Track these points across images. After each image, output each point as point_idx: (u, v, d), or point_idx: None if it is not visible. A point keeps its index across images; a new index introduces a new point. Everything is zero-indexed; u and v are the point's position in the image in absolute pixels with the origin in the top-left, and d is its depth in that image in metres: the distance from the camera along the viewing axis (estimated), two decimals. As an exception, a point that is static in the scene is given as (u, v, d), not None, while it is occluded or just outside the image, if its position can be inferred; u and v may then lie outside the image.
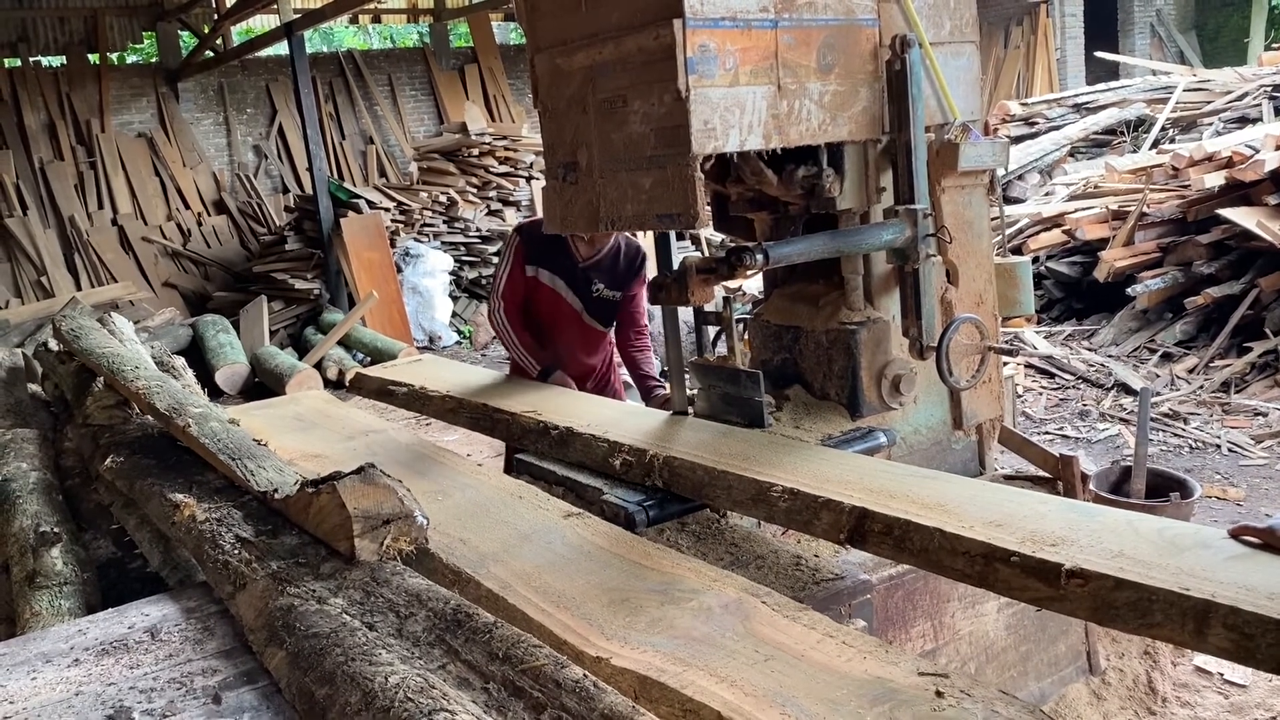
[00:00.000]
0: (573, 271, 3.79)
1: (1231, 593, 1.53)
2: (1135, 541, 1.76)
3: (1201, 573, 1.61)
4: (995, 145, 3.06)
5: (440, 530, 2.26)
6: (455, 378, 3.74)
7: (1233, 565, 1.64)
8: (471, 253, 11.11)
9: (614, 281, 3.82)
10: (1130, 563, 1.67)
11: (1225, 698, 3.28)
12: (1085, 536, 1.80)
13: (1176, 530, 1.82)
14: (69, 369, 3.79)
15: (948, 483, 2.20)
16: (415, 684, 1.44)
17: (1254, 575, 1.59)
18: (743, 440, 2.65)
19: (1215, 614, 1.50)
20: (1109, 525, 1.86)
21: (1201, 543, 1.75)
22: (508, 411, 3.15)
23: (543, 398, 3.33)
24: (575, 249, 3.76)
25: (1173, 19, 17.58)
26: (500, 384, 3.66)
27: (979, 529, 1.87)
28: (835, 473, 2.30)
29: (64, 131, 11.83)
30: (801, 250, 2.74)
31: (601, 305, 3.84)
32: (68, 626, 2.05)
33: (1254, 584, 1.55)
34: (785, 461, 2.42)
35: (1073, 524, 1.86)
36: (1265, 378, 6.34)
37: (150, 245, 11.78)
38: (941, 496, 2.07)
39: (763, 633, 1.75)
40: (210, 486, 2.43)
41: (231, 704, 1.70)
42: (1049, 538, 1.80)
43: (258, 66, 13.14)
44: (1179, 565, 1.65)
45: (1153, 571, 1.63)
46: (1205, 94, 10.60)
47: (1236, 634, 1.48)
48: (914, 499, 2.07)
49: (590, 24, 2.59)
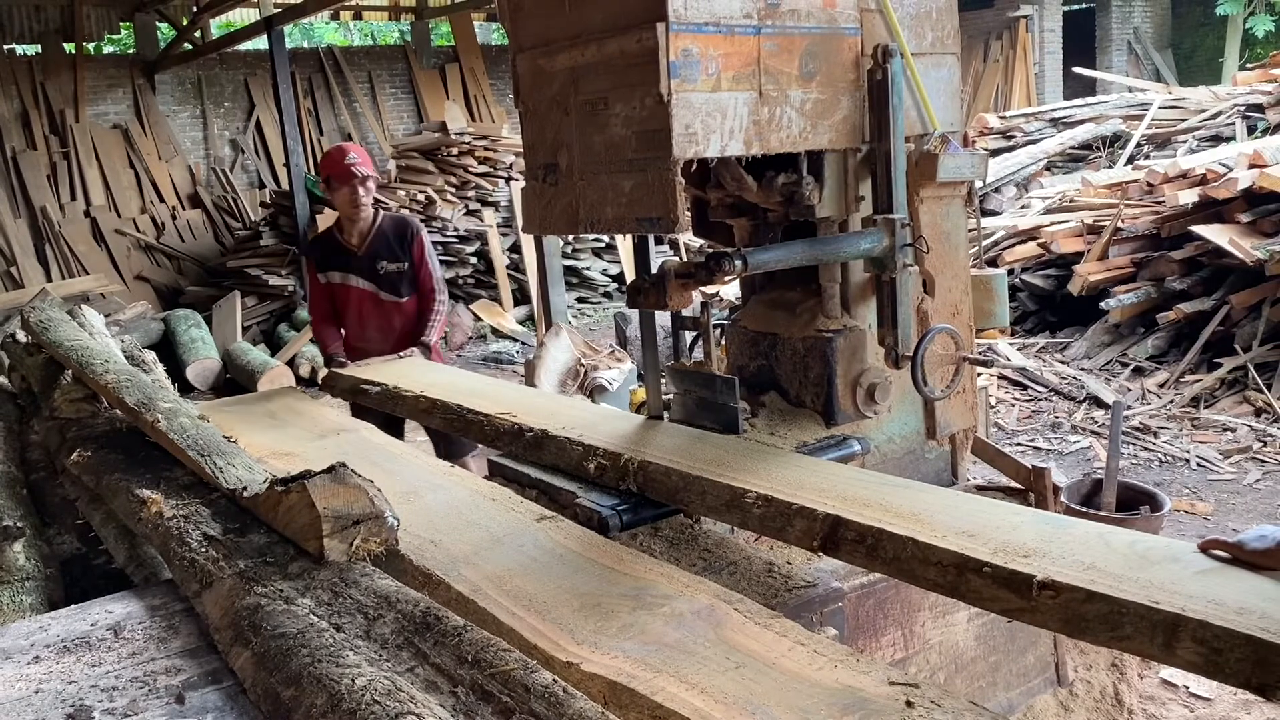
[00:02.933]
0: (358, 262, 4.38)
1: (1201, 606, 1.54)
2: (1106, 554, 1.77)
3: (1171, 586, 1.62)
4: (974, 157, 3.07)
5: (411, 532, 2.24)
6: (430, 378, 3.73)
7: (1202, 579, 1.65)
8: (449, 252, 11.05)
9: (393, 255, 4.37)
10: (1101, 575, 1.68)
11: (1190, 710, 3.31)
12: (1057, 548, 1.80)
13: (1148, 544, 1.83)
14: (37, 361, 3.73)
15: (921, 492, 2.21)
16: (383, 686, 1.42)
17: (1223, 589, 1.60)
18: (717, 446, 2.65)
19: (1184, 628, 1.51)
20: (1081, 538, 1.86)
21: (1172, 556, 1.76)
22: (482, 413, 3.13)
23: (519, 399, 3.31)
24: (349, 244, 4.39)
25: (1150, 37, 17.79)
26: (475, 385, 3.64)
27: (951, 539, 1.88)
28: (809, 480, 2.30)
29: (37, 121, 11.70)
30: (780, 257, 2.74)
31: (390, 279, 4.38)
32: (29, 623, 2.02)
33: (1223, 598, 1.56)
34: (760, 468, 2.42)
35: (1045, 536, 1.87)
36: (1234, 394, 6.41)
37: (123, 238, 11.66)
38: (915, 505, 2.07)
39: (734, 640, 1.75)
40: (178, 483, 2.40)
41: (195, 704, 1.67)
42: (1021, 549, 1.81)
43: (236, 60, 13.05)
44: (1149, 579, 1.66)
45: (1123, 584, 1.64)
46: (1180, 112, 10.73)
47: (1205, 648, 1.49)
48: (887, 508, 2.07)
49: (573, 25, 2.58)
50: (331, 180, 4.37)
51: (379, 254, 4.37)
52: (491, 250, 11.16)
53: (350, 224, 4.39)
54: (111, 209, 11.83)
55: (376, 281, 4.38)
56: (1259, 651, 1.42)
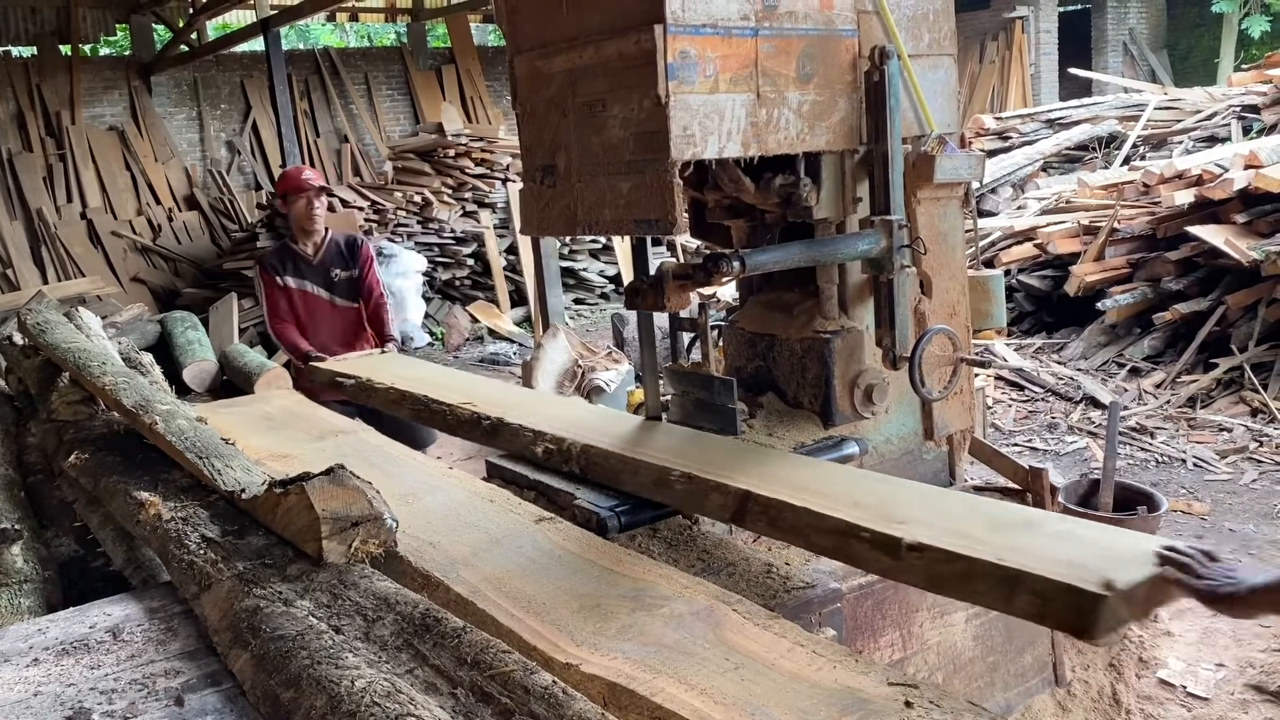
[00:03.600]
0: (313, 269, 4.75)
1: (1038, 564, 1.71)
2: (973, 522, 1.95)
3: (1020, 548, 1.80)
4: (971, 158, 3.08)
5: (410, 533, 2.24)
6: (404, 371, 3.87)
7: (1048, 542, 1.83)
8: (445, 254, 11.05)
9: (345, 264, 4.79)
10: (963, 539, 1.85)
11: (1188, 710, 3.32)
12: (931, 516, 1.99)
13: (1012, 514, 2.05)
14: (34, 363, 3.73)
15: (828, 470, 2.41)
16: (382, 688, 1.42)
17: (1062, 550, 1.77)
18: (654, 431, 2.84)
19: (1023, 582, 1.70)
20: (954, 508, 2.06)
21: (1028, 523, 1.95)
22: (446, 403, 3.26)
23: (480, 391, 3.43)
24: (305, 254, 4.76)
25: (1145, 38, 17.82)
26: (442, 378, 3.77)
27: (841, 509, 2.06)
28: (729, 460, 2.48)
29: (33, 123, 11.68)
30: (777, 259, 2.74)
31: (344, 285, 4.79)
32: (27, 625, 2.02)
33: (1060, 557, 1.74)
34: (688, 450, 2.60)
35: (924, 506, 2.06)
36: (1230, 394, 6.42)
37: (119, 240, 11.64)
38: (818, 482, 2.26)
39: (733, 640, 1.75)
40: (177, 485, 2.40)
41: (194, 706, 1.67)
42: (900, 517, 1.99)
43: (233, 62, 13.04)
44: (1003, 542, 1.83)
45: (979, 546, 1.81)
46: (1176, 113, 10.74)
47: (1038, 598, 1.67)
48: (793, 483, 2.24)
49: (571, 27, 2.59)
50: (289, 195, 4.78)
51: (333, 263, 4.78)
52: (488, 251, 11.15)
53: (306, 235, 4.78)
54: (108, 211, 11.81)
55: (331, 288, 4.78)
56: (1078, 599, 1.61)
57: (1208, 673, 3.48)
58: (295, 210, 4.75)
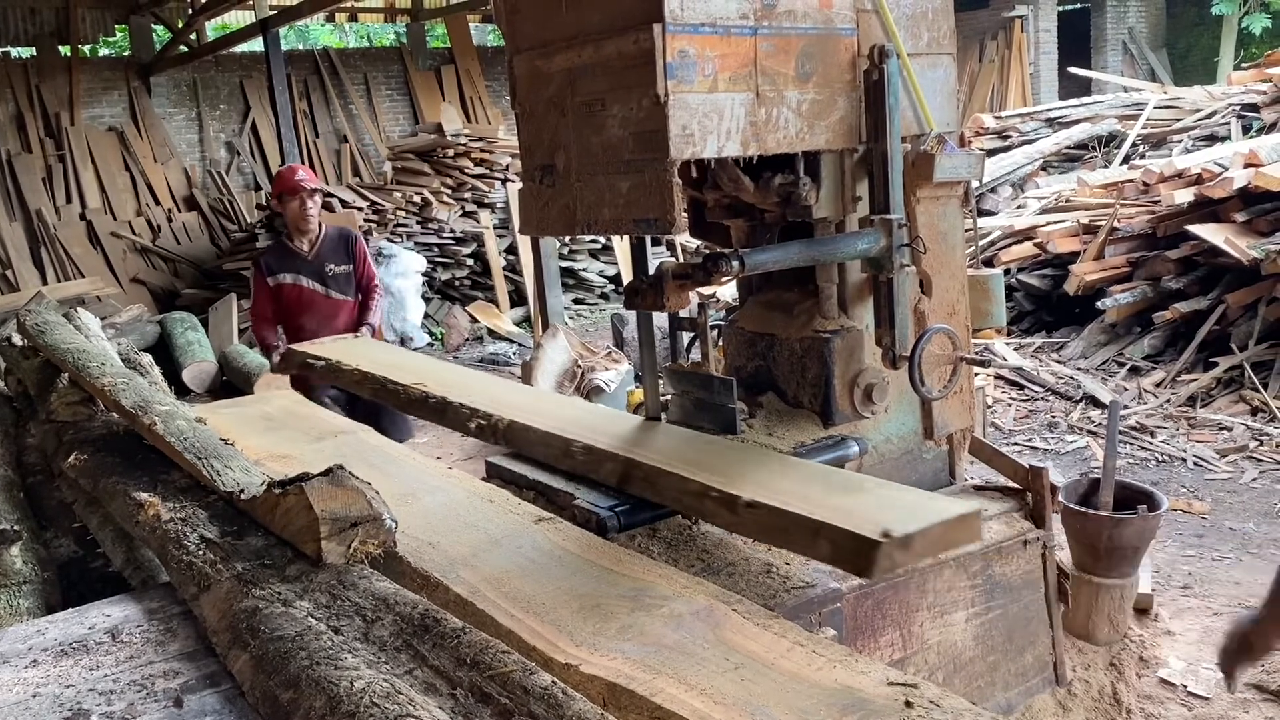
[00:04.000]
0: (308, 265, 4.97)
1: (838, 518, 1.98)
2: (810, 486, 2.22)
3: (834, 506, 2.06)
4: (970, 157, 3.07)
5: (409, 534, 2.24)
6: (369, 354, 4.00)
7: (858, 501, 2.11)
8: (445, 254, 11.04)
9: (339, 259, 5.01)
10: (790, 498, 2.11)
11: (1189, 710, 3.32)
12: (775, 481, 2.25)
13: (843, 479, 2.33)
14: (33, 364, 3.72)
15: (709, 444, 2.66)
16: (381, 689, 1.42)
17: (866, 507, 2.05)
18: (567, 407, 3.16)
19: (823, 531, 1.97)
20: (799, 475, 2.33)
21: (855, 487, 2.23)
22: (400, 383, 3.41)
23: (434, 373, 3.58)
24: (299, 250, 4.99)
25: (1145, 37, 17.82)
26: (404, 361, 3.94)
27: (701, 475, 2.31)
28: (626, 434, 2.76)
29: (32, 123, 11.68)
30: (777, 258, 2.74)
31: (338, 280, 5.00)
32: (26, 627, 2.01)
33: (859, 512, 2.01)
34: (598, 425, 2.84)
35: (774, 473, 2.32)
36: (1231, 393, 6.42)
37: (119, 241, 11.64)
38: (695, 454, 2.51)
39: (733, 640, 1.75)
40: (176, 486, 2.40)
41: (193, 707, 1.67)
42: (748, 481, 2.25)
43: (232, 62, 13.03)
44: (823, 501, 2.09)
45: (800, 504, 2.07)
46: (1175, 111, 10.73)
47: (831, 544, 1.96)
48: (673, 454, 2.51)
49: (570, 26, 2.58)
50: (284, 195, 5.02)
51: (327, 258, 5.00)
52: (488, 251, 11.15)
53: (300, 233, 5.02)
54: (107, 212, 11.81)
55: (325, 283, 5.00)
56: (860, 544, 1.90)
57: (1208, 672, 3.48)
58: (290, 210, 4.99)
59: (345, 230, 5.26)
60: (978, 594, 3.03)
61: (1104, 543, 3.62)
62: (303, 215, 4.95)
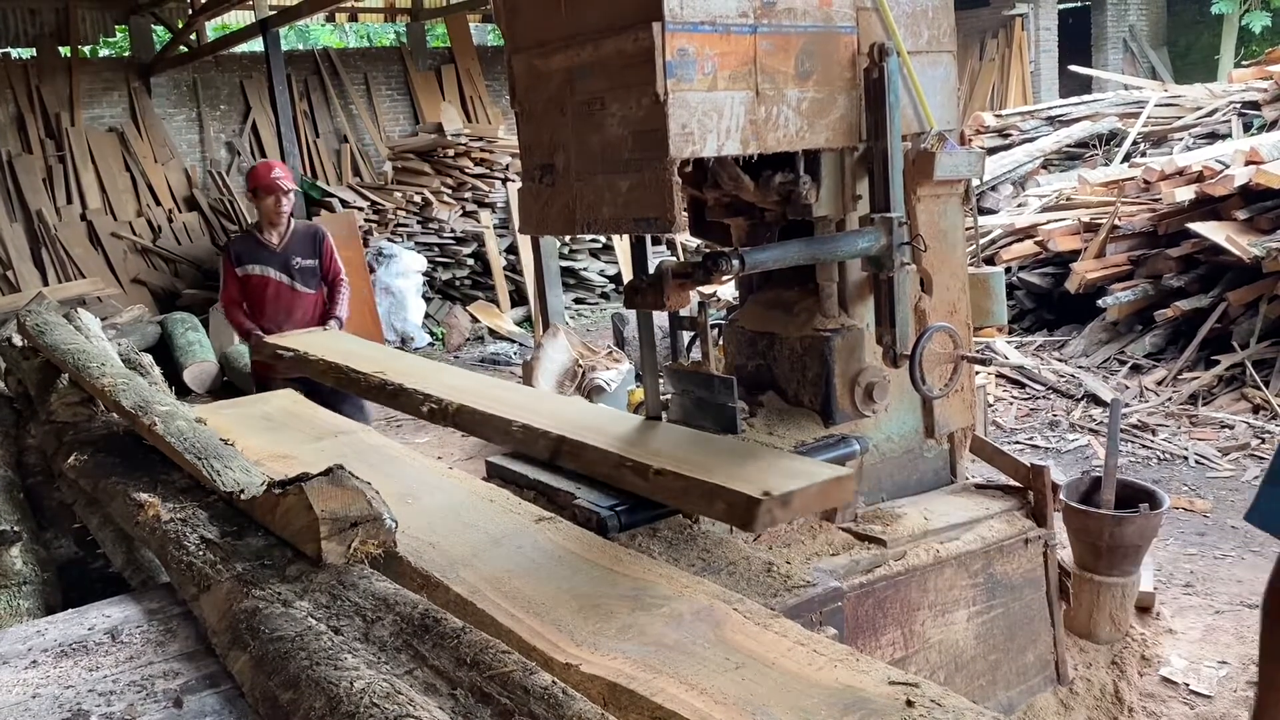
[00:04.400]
0: (276, 258, 5.26)
1: (733, 482, 2.25)
2: (715, 456, 2.50)
3: (730, 473, 2.33)
4: (971, 155, 3.07)
5: (409, 534, 2.24)
6: (335, 345, 4.26)
7: (752, 467, 2.37)
8: (445, 254, 11.04)
9: (306, 253, 5.30)
10: (693, 467, 2.39)
11: (1191, 708, 3.31)
12: (685, 453, 2.54)
13: (746, 450, 2.58)
14: (33, 365, 3.72)
15: (628, 422, 2.92)
16: (381, 689, 1.42)
17: (756, 472, 2.33)
18: (514, 392, 3.41)
19: (719, 495, 2.26)
20: (707, 447, 2.60)
21: (751, 456, 2.49)
22: (361, 371, 3.64)
23: (393, 363, 3.81)
24: (269, 243, 5.26)
25: (1145, 35, 17.81)
26: (366, 351, 4.15)
27: (619, 447, 2.61)
28: (561, 412, 3.04)
29: (33, 124, 11.67)
30: (777, 257, 2.74)
31: (305, 273, 5.29)
32: (26, 627, 2.01)
33: (750, 477, 2.28)
34: (535, 408, 3.09)
35: (683, 445, 2.62)
36: (1232, 391, 6.41)
37: (120, 241, 11.64)
38: (618, 429, 2.80)
39: (734, 640, 1.74)
40: (176, 486, 2.40)
41: (193, 708, 1.67)
42: (659, 453, 2.54)
43: (232, 63, 13.03)
44: (722, 468, 2.37)
45: (701, 471, 2.36)
46: (1176, 109, 10.72)
47: (725, 504, 2.23)
48: (599, 430, 2.77)
49: (569, 26, 2.58)
50: (259, 190, 5.28)
51: (294, 252, 5.29)
52: (488, 251, 11.15)
53: (271, 227, 5.30)
54: (108, 212, 11.80)
55: (291, 275, 5.28)
56: (746, 502, 2.18)
57: (1210, 670, 3.47)
58: (264, 205, 5.27)
59: (314, 227, 5.58)
60: (979, 593, 3.03)
61: (1105, 541, 3.61)
62: (276, 211, 5.24)
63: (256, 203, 5.35)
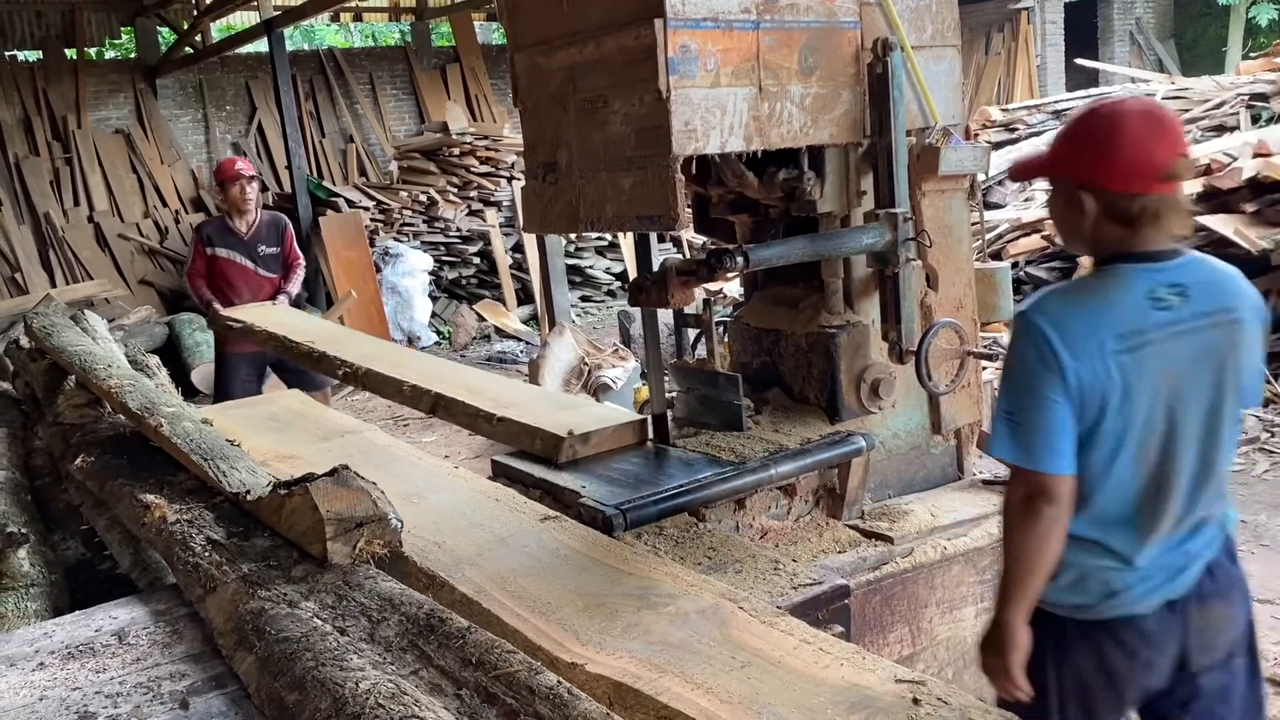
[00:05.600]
0: (244, 244, 5.85)
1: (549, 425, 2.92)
2: (548, 407, 3.18)
3: (554, 419, 2.97)
4: (976, 150, 3.06)
5: (414, 533, 2.24)
6: (278, 318, 4.87)
7: (573, 416, 3.05)
8: (451, 253, 11.04)
9: (270, 240, 5.92)
10: (527, 414, 3.04)
11: (1200, 703, 3.29)
12: (529, 404, 3.19)
13: (570, 402, 3.58)
14: (40, 367, 3.73)
15: (496, 383, 3.56)
16: (387, 690, 1.42)
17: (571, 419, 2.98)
18: (419, 359, 4.05)
19: (537, 434, 2.93)
20: (547, 400, 3.49)
21: (573, 407, 3.32)
22: (295, 341, 4.19)
23: (324, 334, 4.37)
24: (238, 229, 5.85)
25: (1152, 27, 17.73)
26: (305, 325, 4.71)
27: (479, 401, 3.18)
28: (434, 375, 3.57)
29: (40, 127, 11.69)
30: (782, 253, 2.73)
31: (267, 260, 5.91)
32: (33, 629, 2.02)
33: (565, 421, 2.95)
34: (429, 370, 3.68)
35: (532, 400, 3.30)
36: (1240, 384, 6.38)
37: (127, 242, 11.66)
38: (480, 386, 3.42)
39: (740, 638, 1.74)
40: (182, 487, 2.40)
41: (199, 709, 1.67)
42: (510, 405, 3.14)
43: (237, 63, 13.04)
44: (548, 416, 3.03)
45: (528, 417, 3.01)
46: (1183, 102, 10.66)
47: (542, 441, 2.89)
48: (469, 389, 3.34)
49: (571, 23, 2.57)
50: (225, 183, 5.91)
51: (261, 240, 5.88)
52: (494, 250, 11.15)
53: (239, 215, 5.87)
54: (115, 214, 11.82)
55: (256, 261, 5.86)
56: (555, 439, 2.85)
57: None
58: (230, 194, 5.87)
59: (277, 216, 6.16)
60: (987, 589, 3.02)
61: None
62: (242, 198, 5.81)
63: (224, 194, 5.98)
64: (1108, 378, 1.80)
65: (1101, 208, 1.86)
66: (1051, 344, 1.81)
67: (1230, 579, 2.00)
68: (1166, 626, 1.92)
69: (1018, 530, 1.88)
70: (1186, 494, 1.90)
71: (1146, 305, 1.83)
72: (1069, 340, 1.81)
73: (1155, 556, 1.91)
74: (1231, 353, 1.89)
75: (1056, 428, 1.81)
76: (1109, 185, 1.84)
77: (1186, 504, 1.90)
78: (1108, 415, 1.82)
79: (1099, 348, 1.80)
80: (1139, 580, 1.90)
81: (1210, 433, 1.89)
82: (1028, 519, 1.86)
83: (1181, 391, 1.85)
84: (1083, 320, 1.83)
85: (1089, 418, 1.82)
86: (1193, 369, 1.86)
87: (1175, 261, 1.88)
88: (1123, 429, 1.83)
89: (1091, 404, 1.81)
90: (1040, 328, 1.84)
